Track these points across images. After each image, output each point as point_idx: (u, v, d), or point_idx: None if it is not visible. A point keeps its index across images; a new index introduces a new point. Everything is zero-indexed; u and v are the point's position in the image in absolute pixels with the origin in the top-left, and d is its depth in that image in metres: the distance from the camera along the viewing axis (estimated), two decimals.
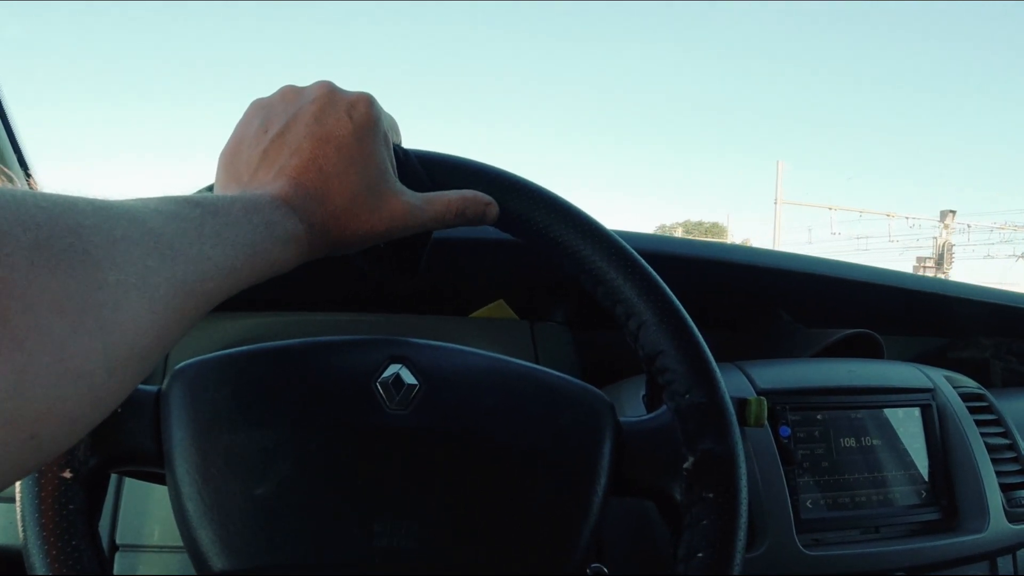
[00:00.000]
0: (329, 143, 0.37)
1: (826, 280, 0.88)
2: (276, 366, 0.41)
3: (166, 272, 0.27)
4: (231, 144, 0.40)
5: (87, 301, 0.23)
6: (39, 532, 0.37)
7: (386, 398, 0.40)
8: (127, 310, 0.24)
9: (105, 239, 0.25)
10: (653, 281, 0.44)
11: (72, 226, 0.24)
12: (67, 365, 0.22)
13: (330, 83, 0.40)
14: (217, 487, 0.38)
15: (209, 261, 0.29)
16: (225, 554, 0.37)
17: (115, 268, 0.24)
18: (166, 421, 0.39)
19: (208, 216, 0.31)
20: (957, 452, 0.73)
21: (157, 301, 0.26)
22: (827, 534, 0.67)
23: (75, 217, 0.24)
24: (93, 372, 0.23)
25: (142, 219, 0.27)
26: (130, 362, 0.25)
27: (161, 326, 0.26)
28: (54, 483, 0.37)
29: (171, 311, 0.27)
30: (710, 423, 0.42)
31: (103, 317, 0.23)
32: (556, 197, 0.45)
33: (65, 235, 0.23)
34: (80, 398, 0.23)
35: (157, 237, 0.27)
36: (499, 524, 0.40)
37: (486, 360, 0.43)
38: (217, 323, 0.73)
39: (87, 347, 0.23)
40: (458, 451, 0.40)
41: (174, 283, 0.27)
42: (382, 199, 0.39)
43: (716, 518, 0.41)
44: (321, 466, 0.38)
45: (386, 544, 0.38)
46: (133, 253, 0.25)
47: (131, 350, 0.25)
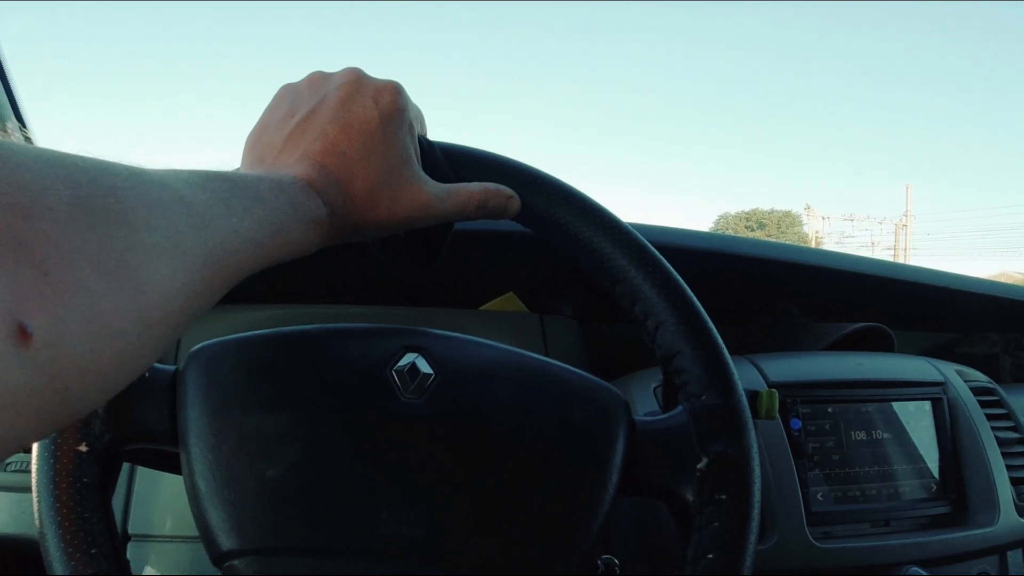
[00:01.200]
0: (353, 129, 0.37)
1: (836, 273, 0.88)
2: (292, 351, 0.41)
3: (197, 239, 0.27)
4: (258, 128, 0.40)
5: (123, 260, 0.23)
6: (52, 503, 0.37)
7: (401, 387, 0.40)
8: (160, 272, 0.25)
9: (141, 202, 0.25)
10: (674, 281, 0.44)
11: (110, 187, 0.24)
12: (102, 321, 0.22)
13: (358, 70, 0.40)
14: (229, 467, 0.38)
15: (237, 234, 0.29)
16: (234, 533, 0.38)
17: (150, 231, 0.25)
18: (182, 401, 0.39)
19: (236, 190, 0.31)
20: (967, 446, 0.73)
21: (188, 266, 0.26)
22: (837, 527, 0.67)
23: (112, 179, 0.24)
24: (125, 330, 0.23)
25: (174, 187, 0.27)
26: (160, 324, 0.25)
27: (191, 292, 0.26)
28: (69, 456, 0.38)
29: (201, 278, 0.27)
30: (725, 425, 0.42)
31: (137, 277, 0.23)
32: (578, 193, 0.45)
33: (104, 194, 0.23)
34: (112, 355, 0.23)
35: (188, 205, 0.27)
36: (507, 517, 0.40)
37: (501, 353, 0.43)
38: (232, 314, 0.73)
39: (121, 305, 0.23)
40: (470, 442, 0.40)
41: (204, 251, 0.27)
42: (404, 187, 0.39)
43: (727, 520, 0.40)
44: (332, 451, 0.39)
45: (393, 531, 0.38)
46: (167, 218, 0.26)
47: (162, 313, 0.25)
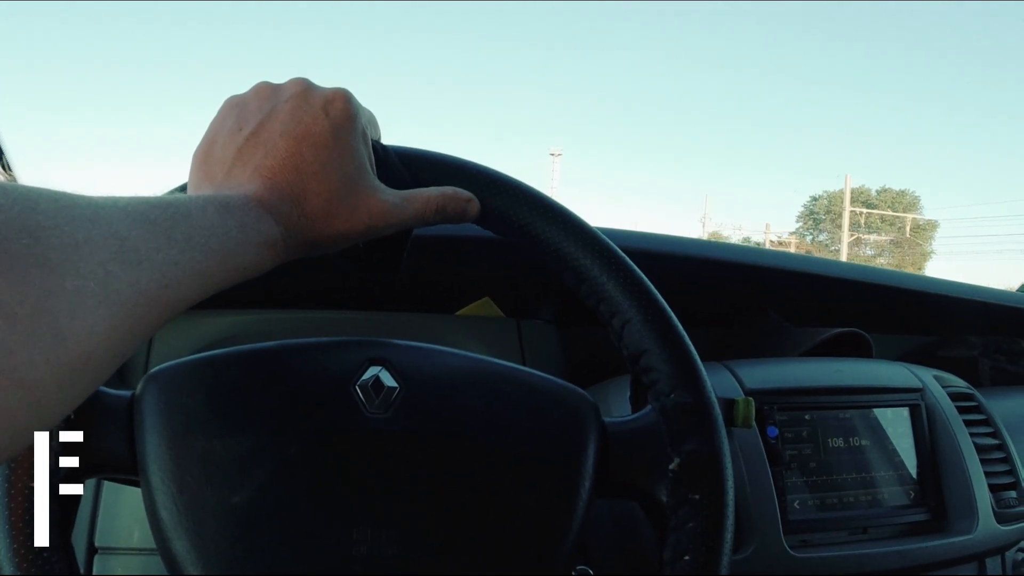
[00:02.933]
0: (305, 142, 0.36)
1: (815, 278, 0.88)
2: (252, 370, 0.40)
3: (129, 278, 0.26)
4: (204, 143, 0.38)
5: (40, 308, 0.22)
6: (9, 544, 0.36)
7: (365, 402, 0.39)
8: (83, 318, 0.23)
9: (66, 242, 0.24)
10: (637, 279, 0.43)
11: (31, 227, 0.23)
12: (13, 376, 0.21)
13: (306, 80, 0.39)
14: (192, 495, 0.37)
15: (177, 267, 0.28)
16: (201, 563, 0.36)
17: (74, 274, 0.23)
18: (139, 427, 0.38)
19: (180, 219, 0.29)
20: (946, 452, 0.73)
21: (117, 309, 0.25)
22: (815, 535, 0.67)
23: (35, 218, 0.23)
24: (41, 382, 0.22)
25: (108, 221, 0.26)
26: (83, 372, 0.24)
27: (119, 335, 0.25)
28: (24, 493, 0.36)
29: (132, 319, 0.26)
30: (695, 423, 0.41)
31: (57, 325, 0.22)
32: (537, 193, 0.45)
33: (22, 237, 0.22)
34: (26, 408, 0.22)
35: (122, 241, 0.26)
36: (482, 528, 0.39)
37: (468, 361, 0.43)
38: (196, 321, 0.72)
39: (36, 357, 0.22)
40: (440, 455, 0.39)
41: (137, 290, 0.26)
42: (360, 198, 0.38)
43: (702, 519, 0.40)
44: (299, 473, 0.38)
45: (366, 552, 0.37)
46: (95, 258, 0.24)
47: (84, 360, 0.24)
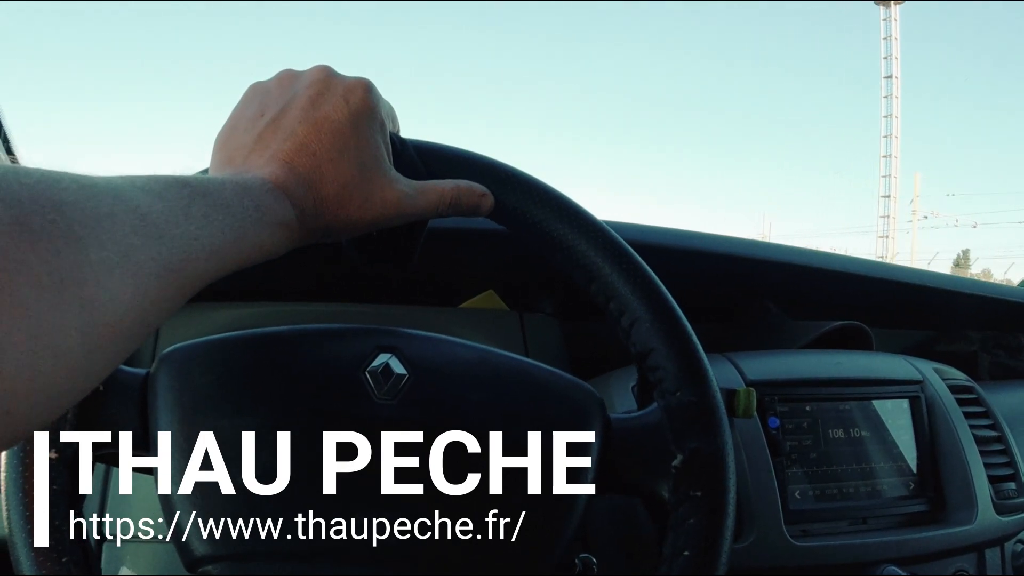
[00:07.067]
0: (324, 128, 0.37)
1: (815, 272, 0.88)
2: (264, 353, 0.41)
3: (151, 251, 0.26)
4: (226, 127, 0.39)
5: (67, 278, 0.22)
6: (23, 512, 0.37)
7: (374, 388, 0.40)
8: (109, 288, 0.24)
9: (88, 216, 0.24)
10: (648, 278, 0.44)
11: (55, 202, 0.23)
12: (45, 342, 0.21)
13: (328, 68, 0.39)
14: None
15: (195, 242, 0.29)
16: (208, 539, 0.37)
17: (98, 246, 0.24)
18: (152, 405, 0.39)
19: (197, 197, 0.30)
20: (945, 444, 0.73)
21: (141, 280, 0.26)
22: (815, 525, 0.67)
23: (58, 194, 0.24)
24: (72, 349, 0.23)
25: (128, 197, 0.27)
26: (111, 341, 0.24)
27: (144, 306, 0.26)
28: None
29: (155, 291, 0.26)
30: (699, 422, 0.42)
31: (84, 294, 0.23)
32: (552, 190, 0.45)
33: (47, 211, 0.23)
34: (58, 375, 0.22)
35: (142, 216, 0.27)
36: (485, 517, 0.40)
37: (476, 352, 0.43)
38: (206, 312, 0.72)
39: (66, 324, 0.22)
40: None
41: (159, 263, 0.27)
42: (375, 186, 0.38)
43: (703, 517, 0.40)
44: (307, 454, 0.38)
45: (368, 535, 0.38)
46: (117, 231, 0.25)
47: (112, 329, 0.24)
